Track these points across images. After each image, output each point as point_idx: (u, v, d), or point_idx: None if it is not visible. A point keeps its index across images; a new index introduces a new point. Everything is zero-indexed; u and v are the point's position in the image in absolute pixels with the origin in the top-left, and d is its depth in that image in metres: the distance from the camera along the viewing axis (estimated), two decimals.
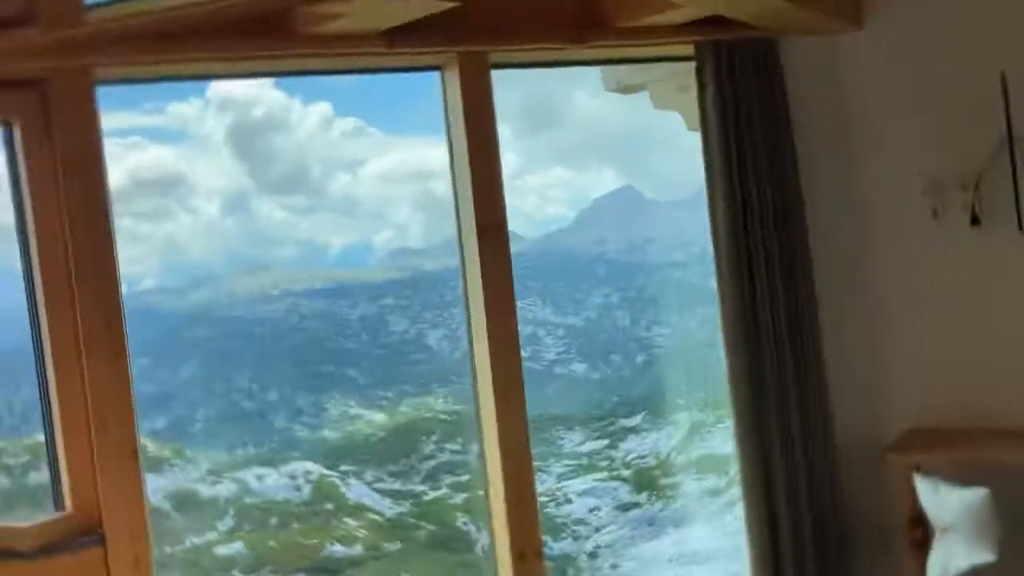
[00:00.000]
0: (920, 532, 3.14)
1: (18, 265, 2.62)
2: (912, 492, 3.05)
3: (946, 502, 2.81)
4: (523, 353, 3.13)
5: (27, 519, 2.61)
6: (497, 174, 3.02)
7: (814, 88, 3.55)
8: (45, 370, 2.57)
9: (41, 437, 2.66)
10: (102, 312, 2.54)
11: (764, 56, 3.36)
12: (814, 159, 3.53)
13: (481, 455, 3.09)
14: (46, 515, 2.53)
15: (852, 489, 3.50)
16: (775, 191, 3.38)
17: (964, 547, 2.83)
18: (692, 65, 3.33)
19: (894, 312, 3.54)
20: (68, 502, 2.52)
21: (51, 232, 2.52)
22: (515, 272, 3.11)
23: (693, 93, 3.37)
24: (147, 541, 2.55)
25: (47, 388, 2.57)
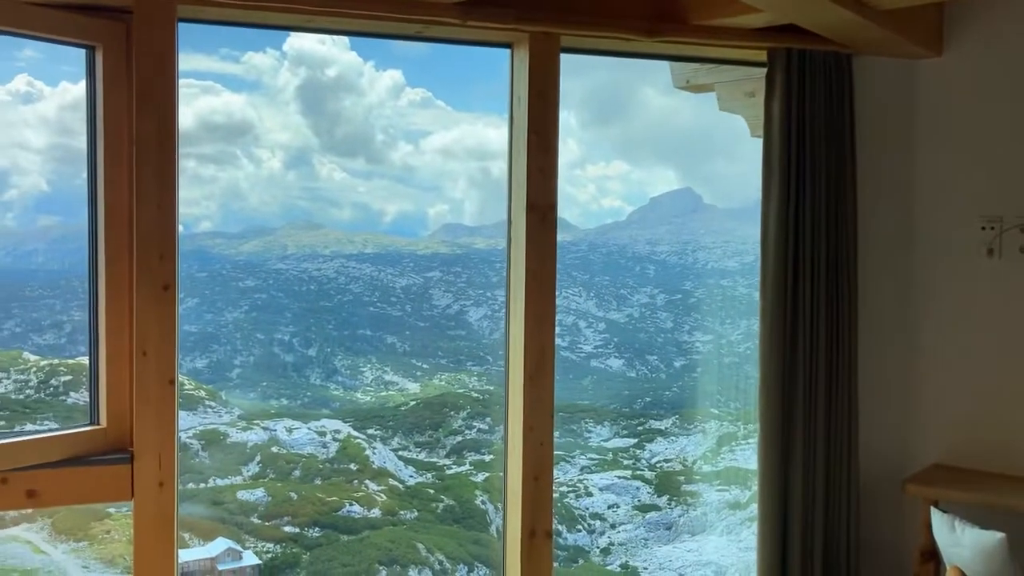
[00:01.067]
0: (931, 567, 3.11)
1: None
2: (927, 526, 3.03)
3: (960, 540, 2.78)
4: (562, 342, 3.16)
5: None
6: (553, 156, 3.05)
7: (883, 109, 3.51)
8: (97, 293, 2.66)
9: (85, 359, 2.76)
10: (157, 244, 2.63)
11: (836, 70, 3.33)
12: (873, 180, 3.50)
13: (504, 430, 3.13)
14: (80, 426, 2.63)
15: (868, 517, 3.48)
16: (829, 208, 3.35)
17: None
18: (762, 71, 3.31)
19: (935, 346, 3.50)
20: (103, 418, 2.62)
21: (118, 159, 2.61)
22: (563, 262, 3.13)
23: (760, 99, 3.35)
24: (174, 467, 2.64)
25: (97, 310, 2.66)
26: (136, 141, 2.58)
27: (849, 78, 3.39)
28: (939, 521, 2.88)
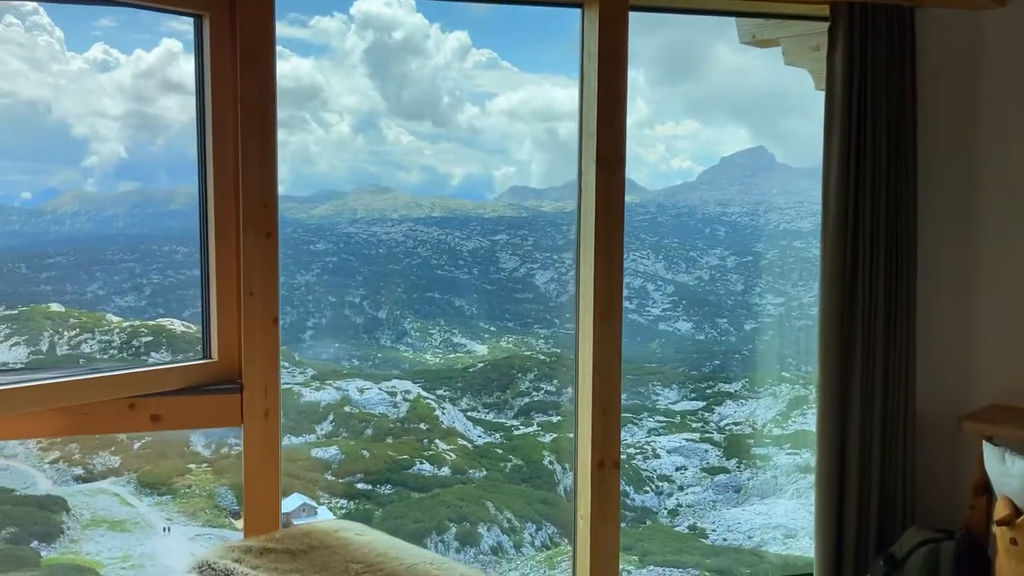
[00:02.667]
0: (984, 500, 3.24)
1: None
2: (982, 462, 3.15)
3: (1010, 471, 2.91)
4: (629, 304, 3.32)
5: None
6: (622, 110, 3.21)
7: (946, 63, 3.57)
8: (208, 239, 2.93)
9: (165, 321, 3.02)
10: (260, 194, 2.88)
11: (899, 24, 3.41)
12: (934, 134, 3.57)
13: (575, 368, 3.34)
14: (195, 359, 2.92)
15: (925, 454, 3.59)
16: (890, 160, 3.44)
17: None
18: (826, 25, 3.42)
19: (994, 288, 3.58)
20: (214, 352, 2.90)
21: (225, 118, 2.86)
22: (631, 224, 3.27)
23: (824, 53, 3.45)
24: (278, 397, 2.92)
25: (208, 255, 2.94)
26: (241, 100, 2.83)
27: (911, 31, 3.46)
28: (990, 453, 3.01)
